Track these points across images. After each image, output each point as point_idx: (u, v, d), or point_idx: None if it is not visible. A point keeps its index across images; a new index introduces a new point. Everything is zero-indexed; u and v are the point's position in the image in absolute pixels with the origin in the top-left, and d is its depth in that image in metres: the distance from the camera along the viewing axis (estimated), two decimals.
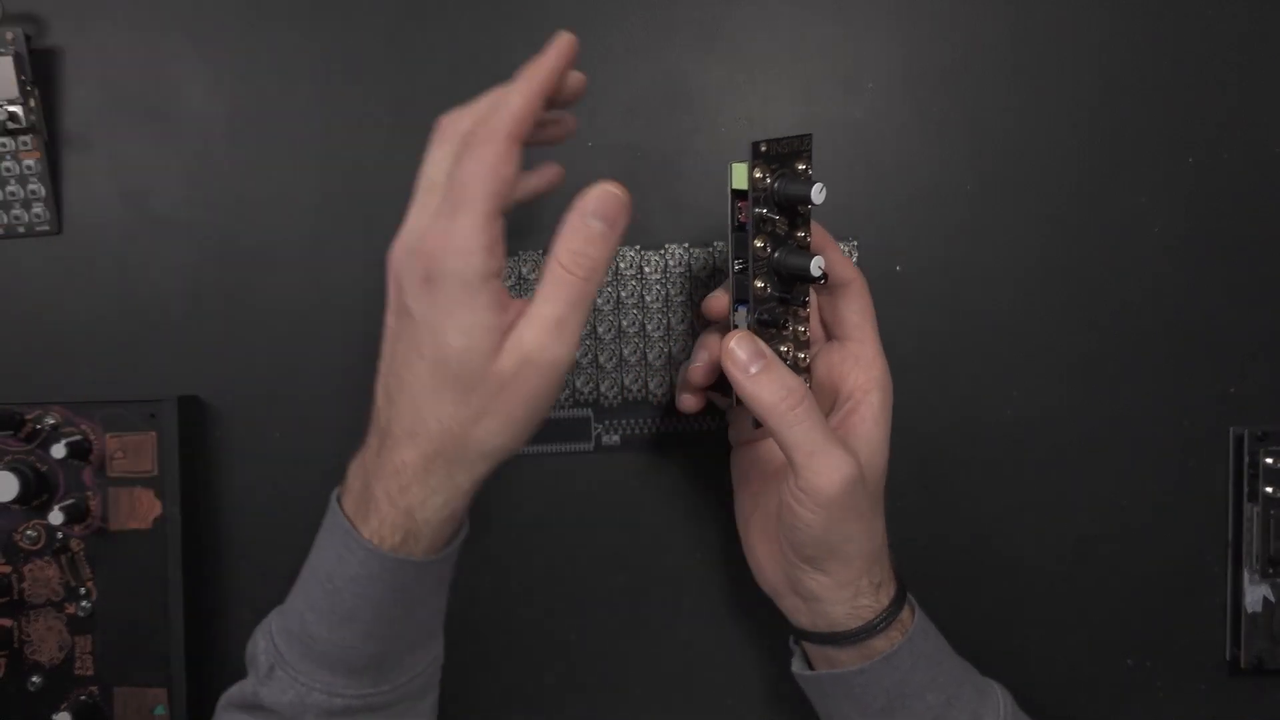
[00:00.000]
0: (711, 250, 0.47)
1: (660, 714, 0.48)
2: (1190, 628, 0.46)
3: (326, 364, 0.47)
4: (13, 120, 0.46)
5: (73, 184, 0.48)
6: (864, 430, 0.39)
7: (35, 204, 0.48)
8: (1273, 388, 0.46)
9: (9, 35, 0.46)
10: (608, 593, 0.47)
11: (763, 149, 0.36)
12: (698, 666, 0.48)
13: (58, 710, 0.45)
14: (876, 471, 0.39)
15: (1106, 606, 0.46)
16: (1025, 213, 0.46)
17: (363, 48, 0.47)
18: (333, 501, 0.38)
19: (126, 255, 0.48)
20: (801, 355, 0.39)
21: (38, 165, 0.47)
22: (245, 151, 0.48)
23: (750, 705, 0.47)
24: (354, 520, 0.37)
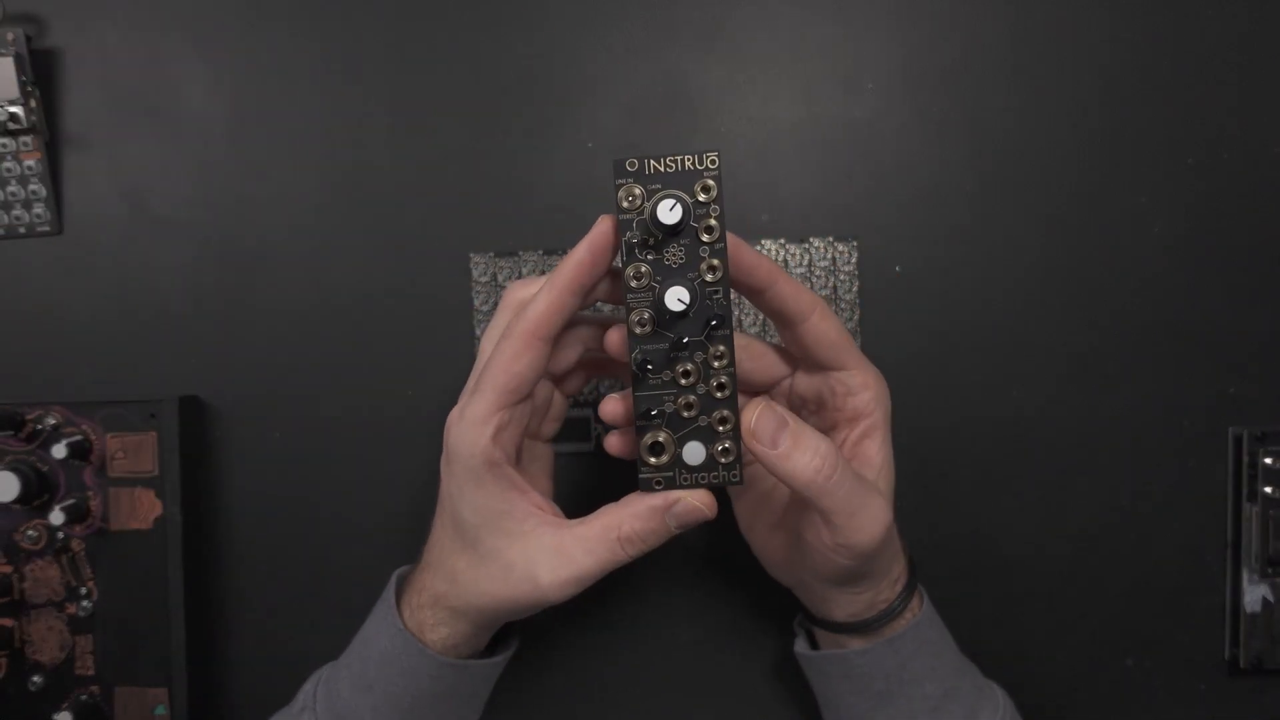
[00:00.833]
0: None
1: (661, 708, 0.48)
2: (1190, 627, 0.46)
3: (326, 364, 0.47)
4: (13, 120, 0.46)
5: (73, 184, 0.48)
6: (876, 456, 0.37)
7: (36, 204, 0.48)
8: (1272, 388, 0.46)
9: (9, 36, 0.46)
10: (608, 592, 0.48)
11: (630, 167, 0.32)
12: (698, 663, 0.48)
13: (58, 710, 0.45)
14: (891, 482, 0.38)
15: (1106, 606, 0.46)
16: (1025, 213, 0.46)
17: (363, 48, 0.47)
18: (395, 574, 0.41)
19: (126, 255, 0.48)
20: (721, 392, 0.33)
21: (38, 165, 0.47)
22: (245, 151, 0.48)
23: (750, 702, 0.47)
24: (400, 599, 0.39)
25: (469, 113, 0.47)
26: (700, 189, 0.32)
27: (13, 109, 0.46)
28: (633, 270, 0.32)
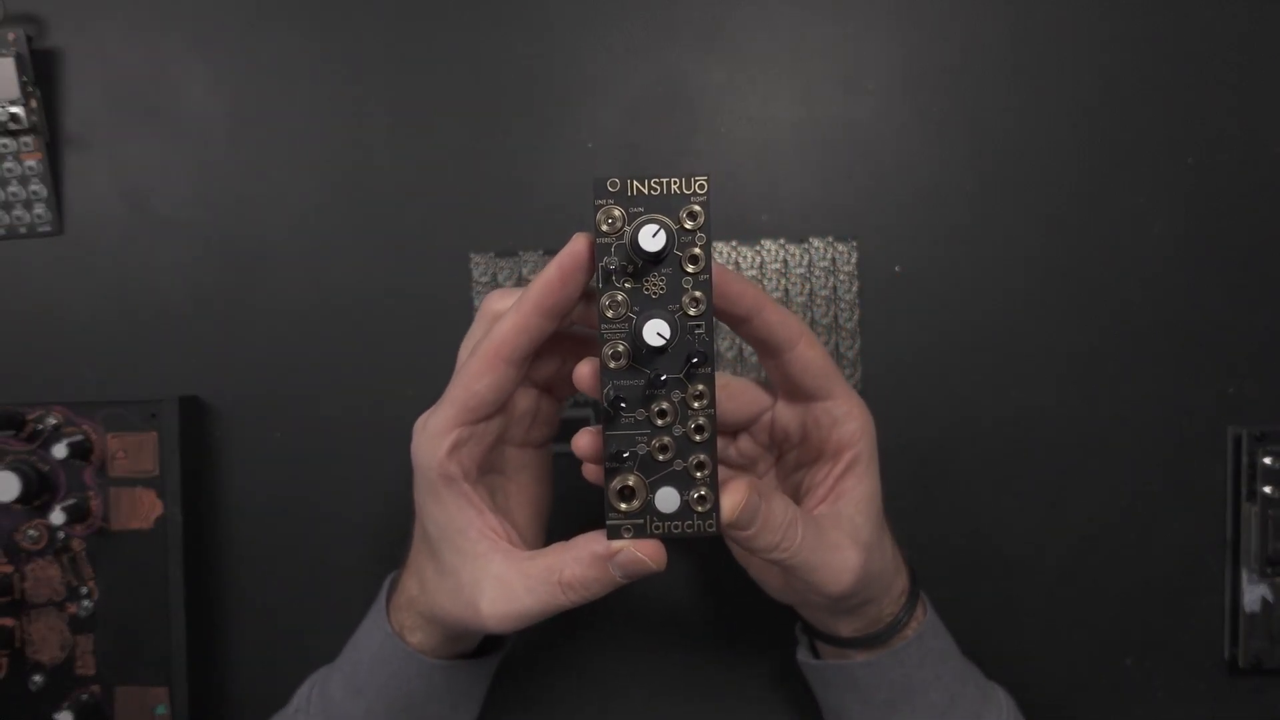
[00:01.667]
0: (718, 260, 0.46)
1: (664, 713, 0.48)
2: (1189, 627, 0.46)
3: (326, 364, 0.47)
4: (14, 121, 0.46)
5: (74, 184, 0.48)
6: (857, 490, 0.36)
7: (36, 204, 0.48)
8: (1271, 388, 0.46)
9: (10, 36, 0.46)
10: (609, 593, 0.48)
11: (611, 188, 0.30)
12: (701, 669, 0.48)
13: (59, 709, 0.45)
14: (876, 513, 0.36)
15: (1106, 606, 0.46)
16: (1025, 213, 0.46)
17: (363, 48, 0.47)
18: (389, 578, 0.40)
19: (127, 255, 0.48)
20: (699, 435, 0.31)
21: (39, 166, 0.47)
22: (245, 151, 0.48)
23: (751, 700, 0.47)
24: (390, 606, 0.39)
25: (469, 113, 0.47)
26: (686, 215, 0.30)
27: (13, 109, 0.46)
28: (608, 299, 0.30)
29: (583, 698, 0.48)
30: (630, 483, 0.31)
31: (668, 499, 0.31)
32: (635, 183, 0.29)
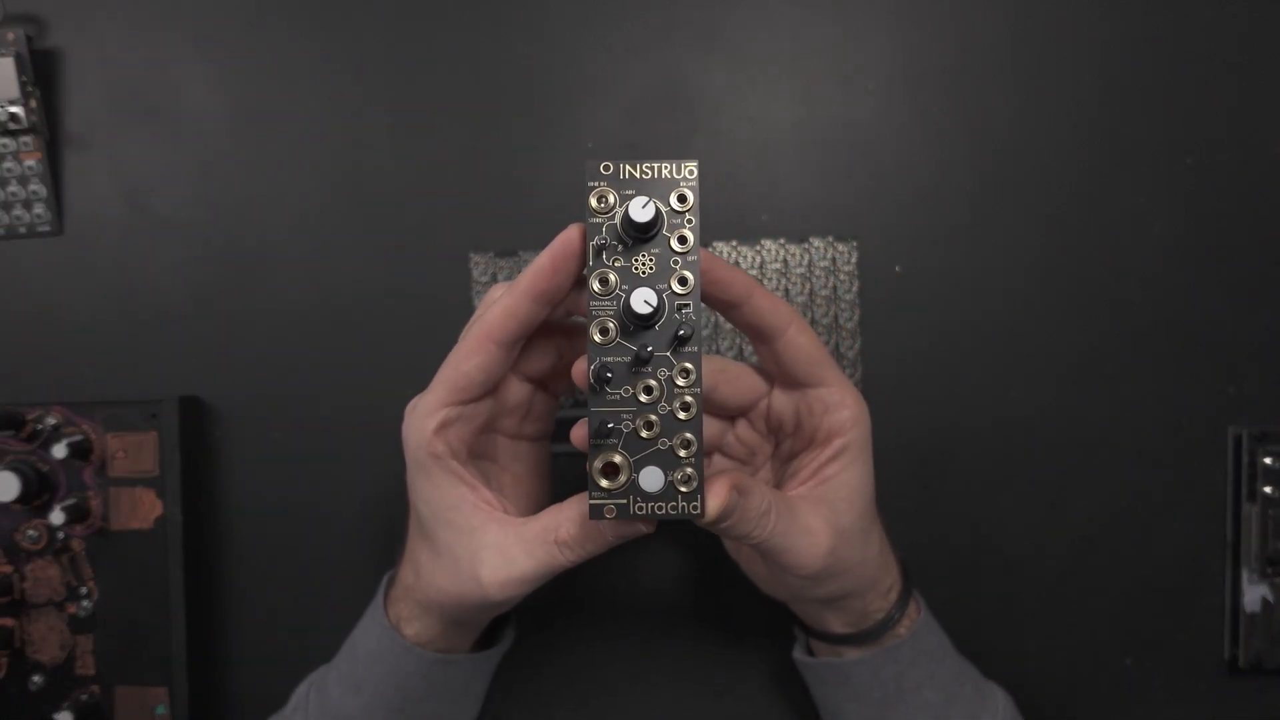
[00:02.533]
0: (710, 251, 0.47)
1: (662, 710, 0.48)
2: (1189, 627, 0.46)
3: (326, 364, 0.47)
4: (14, 121, 0.46)
5: (74, 184, 0.48)
6: (842, 478, 0.36)
7: (36, 204, 0.48)
8: (1271, 388, 0.46)
9: (10, 36, 0.46)
10: (606, 589, 0.48)
11: (605, 170, 0.31)
12: (699, 667, 0.48)
13: (59, 709, 0.45)
14: (863, 504, 0.36)
15: (1106, 606, 0.46)
16: (1025, 213, 0.46)
17: (363, 48, 0.47)
18: (386, 575, 0.40)
19: (127, 255, 0.48)
20: (684, 413, 0.31)
21: (39, 166, 0.47)
22: (245, 151, 0.48)
23: (751, 697, 0.47)
24: (387, 600, 0.39)
25: (469, 113, 0.47)
26: (676, 198, 0.30)
27: (13, 109, 0.46)
28: (598, 276, 0.30)
29: (583, 695, 0.48)
30: (614, 460, 0.30)
31: (652, 478, 0.30)
32: (627, 166, 0.30)
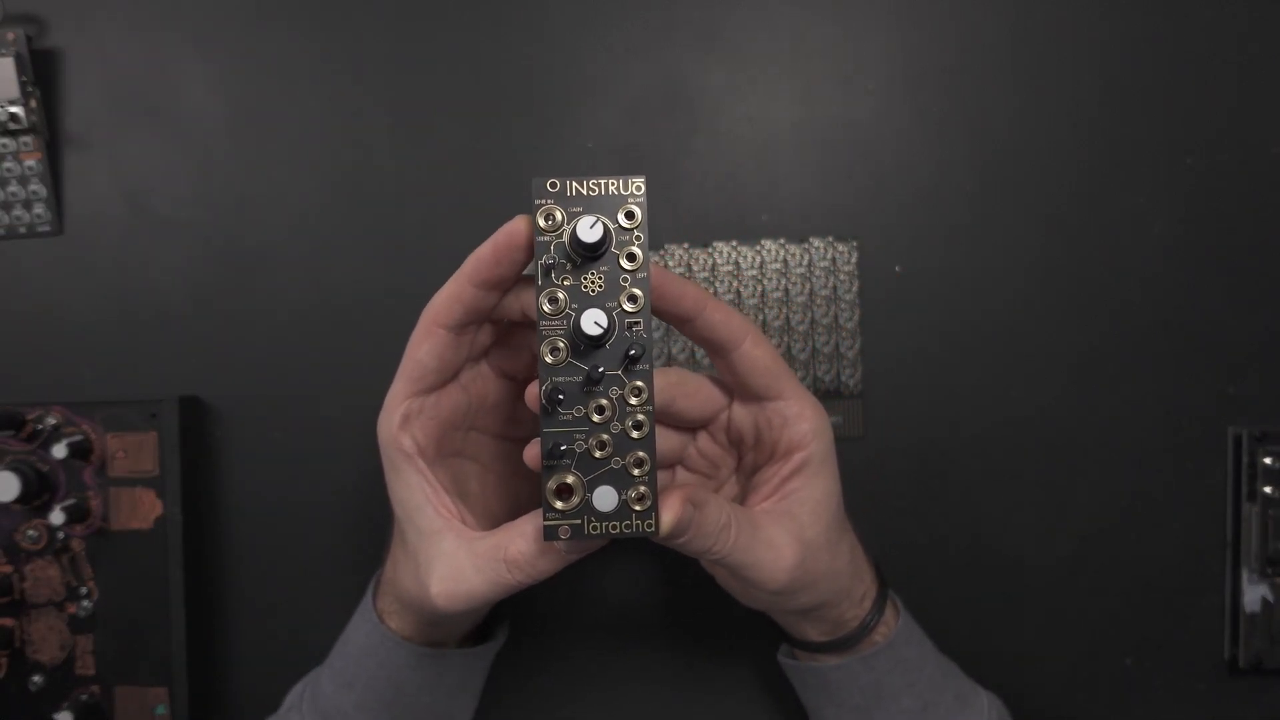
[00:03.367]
0: (710, 251, 0.47)
1: (656, 709, 0.48)
2: (1189, 627, 0.46)
3: (326, 364, 0.47)
4: (14, 121, 0.46)
5: (73, 184, 0.48)
6: (806, 491, 0.35)
7: (36, 204, 0.48)
8: (1271, 388, 0.46)
9: (10, 36, 0.46)
10: (599, 590, 0.48)
11: (551, 188, 0.30)
12: (690, 658, 0.48)
13: (59, 709, 0.45)
14: (829, 516, 0.36)
15: (1106, 606, 0.46)
16: (1025, 213, 0.46)
17: (363, 48, 0.47)
18: (377, 573, 0.40)
19: (127, 255, 0.48)
20: (637, 431, 0.31)
21: (39, 166, 0.47)
22: (245, 151, 0.48)
23: (742, 698, 0.47)
24: (376, 594, 0.39)
25: (469, 113, 0.47)
26: (624, 214, 0.30)
27: (13, 109, 0.46)
28: (547, 296, 0.30)
29: (577, 694, 0.48)
30: (568, 481, 0.30)
31: (605, 498, 0.30)
32: (574, 183, 0.30)
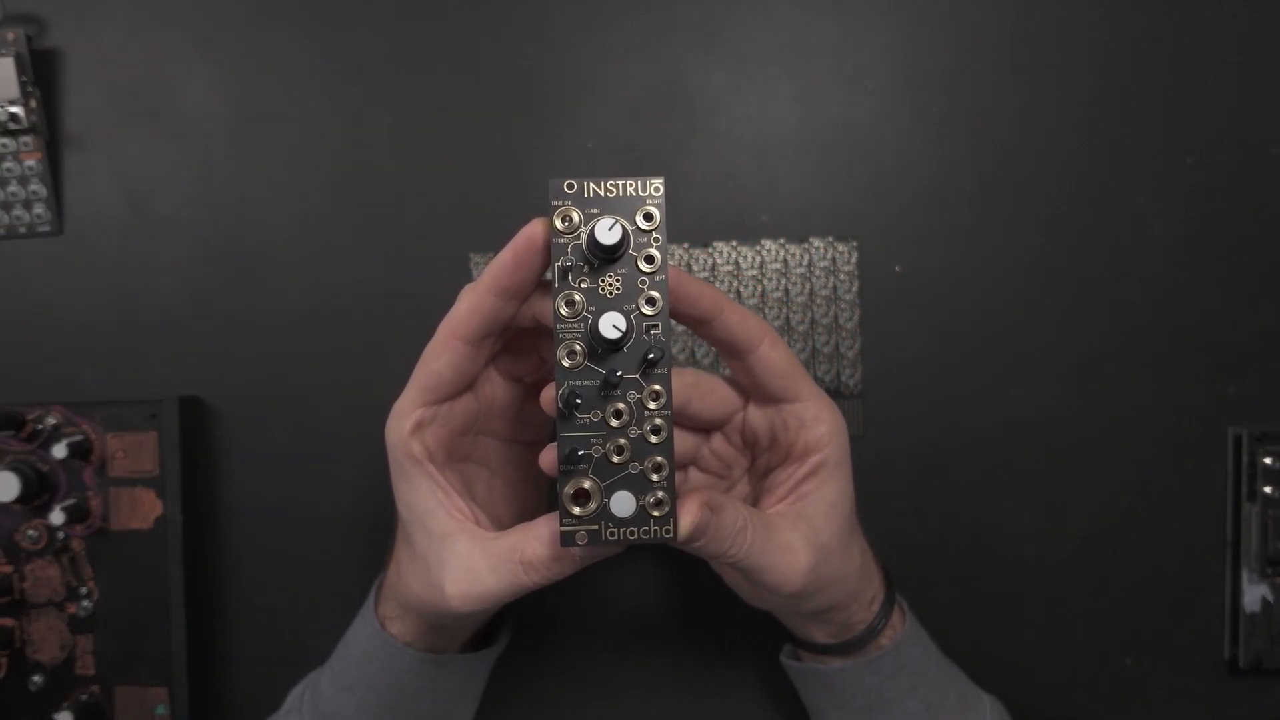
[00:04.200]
0: (710, 251, 0.47)
1: (658, 710, 0.48)
2: (1189, 627, 0.46)
3: (326, 364, 0.47)
4: (14, 121, 0.46)
5: (74, 184, 0.48)
6: (820, 493, 0.35)
7: (36, 204, 0.48)
8: (1271, 388, 0.46)
9: (10, 36, 0.46)
10: (602, 593, 0.48)
11: (568, 189, 0.30)
12: (693, 660, 0.48)
13: (59, 710, 0.45)
14: (842, 520, 0.36)
15: (1106, 606, 0.46)
16: (1025, 213, 0.46)
17: (363, 48, 0.47)
18: (380, 575, 0.40)
19: (127, 255, 0.48)
20: (655, 436, 0.30)
21: (39, 166, 0.47)
22: (245, 151, 0.48)
23: (745, 699, 0.47)
24: (377, 599, 0.39)
25: (469, 113, 0.47)
26: (642, 216, 0.30)
27: (13, 109, 0.46)
28: (564, 298, 0.30)
29: (579, 698, 0.48)
30: (585, 486, 0.30)
31: (623, 503, 0.30)
32: (591, 184, 0.30)
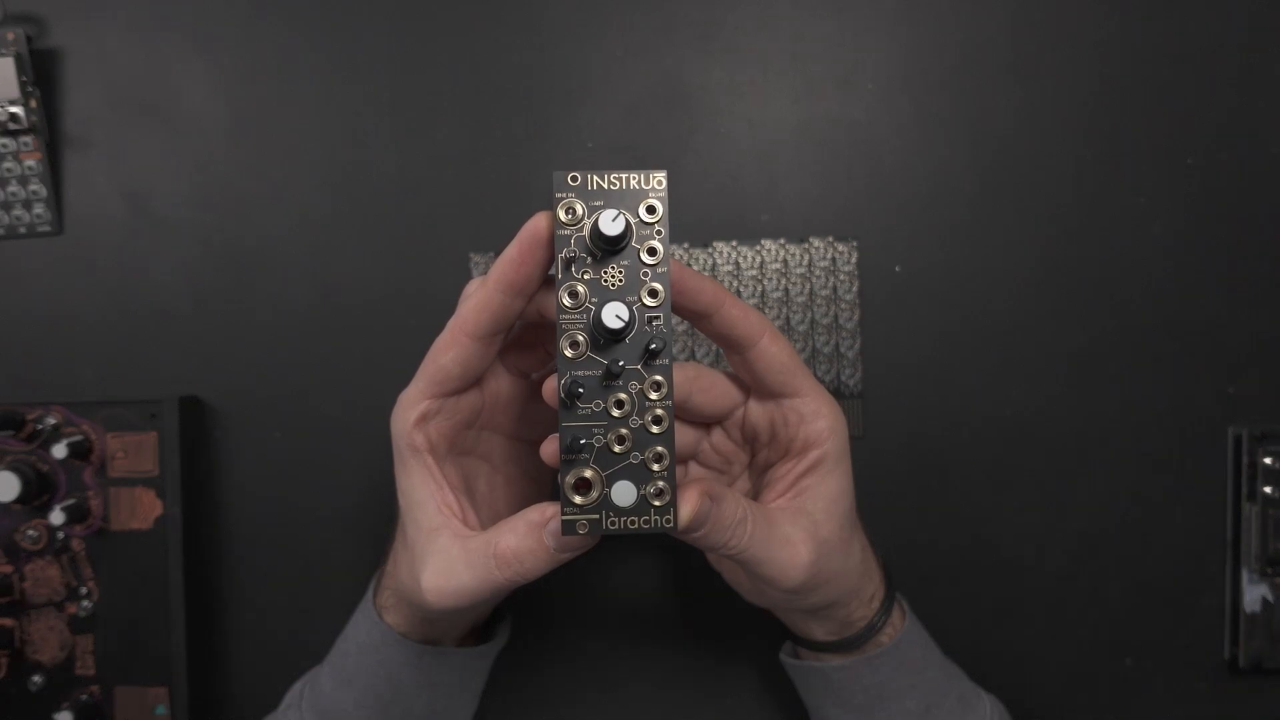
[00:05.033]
0: (710, 251, 0.47)
1: (658, 703, 0.48)
2: (1189, 627, 0.46)
3: (326, 364, 0.47)
4: (14, 121, 0.46)
5: (74, 184, 0.48)
6: (820, 488, 0.35)
7: (36, 204, 0.48)
8: (1271, 388, 0.46)
9: (10, 36, 0.46)
10: (602, 590, 0.48)
11: (572, 181, 0.30)
12: (693, 657, 0.48)
13: (59, 710, 0.45)
14: (842, 515, 0.36)
15: (1106, 606, 0.46)
16: (1025, 213, 0.46)
17: (363, 48, 0.47)
18: (378, 572, 0.40)
19: (127, 255, 0.48)
20: (656, 426, 0.31)
21: (39, 166, 0.47)
22: (245, 151, 0.48)
23: (745, 696, 0.47)
24: (377, 590, 0.39)
25: (469, 112, 0.47)
26: (645, 209, 0.30)
27: (13, 109, 0.46)
28: (567, 289, 0.30)
29: (578, 695, 0.48)
30: (586, 475, 0.30)
31: (624, 493, 0.30)
32: (595, 177, 0.30)
